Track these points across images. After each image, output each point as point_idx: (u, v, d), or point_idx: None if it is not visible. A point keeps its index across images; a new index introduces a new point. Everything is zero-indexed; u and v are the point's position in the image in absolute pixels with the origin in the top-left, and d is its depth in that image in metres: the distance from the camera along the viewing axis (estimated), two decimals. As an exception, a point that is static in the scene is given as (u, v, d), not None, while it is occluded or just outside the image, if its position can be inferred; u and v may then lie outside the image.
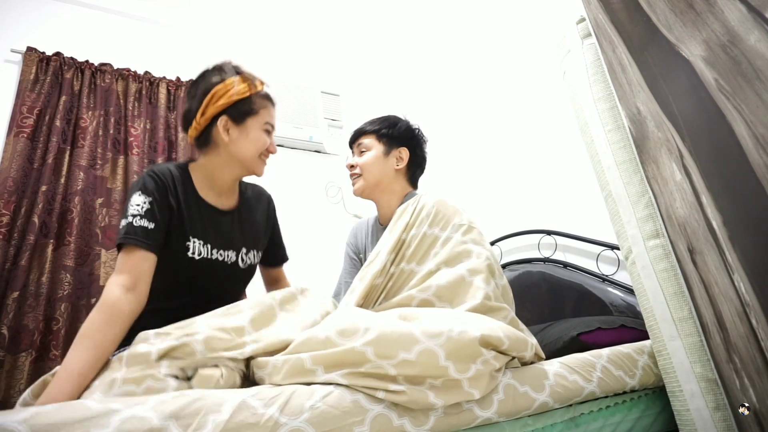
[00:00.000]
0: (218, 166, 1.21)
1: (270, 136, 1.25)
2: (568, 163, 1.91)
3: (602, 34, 1.06)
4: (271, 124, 1.24)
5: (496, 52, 2.35)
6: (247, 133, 1.19)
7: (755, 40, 0.78)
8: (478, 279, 1.05)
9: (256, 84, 1.22)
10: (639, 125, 0.98)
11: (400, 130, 1.42)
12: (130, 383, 0.77)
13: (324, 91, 3.05)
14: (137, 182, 1.13)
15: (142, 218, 1.06)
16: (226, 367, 0.85)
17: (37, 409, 0.59)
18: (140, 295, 1.01)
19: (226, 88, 1.17)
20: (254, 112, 1.20)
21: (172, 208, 1.12)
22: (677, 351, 0.99)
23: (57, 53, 2.35)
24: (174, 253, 1.11)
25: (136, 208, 1.07)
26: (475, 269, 1.07)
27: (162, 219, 1.09)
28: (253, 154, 1.21)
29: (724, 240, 0.82)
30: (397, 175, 1.40)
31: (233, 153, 1.19)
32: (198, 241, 1.15)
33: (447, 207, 1.21)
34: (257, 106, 1.21)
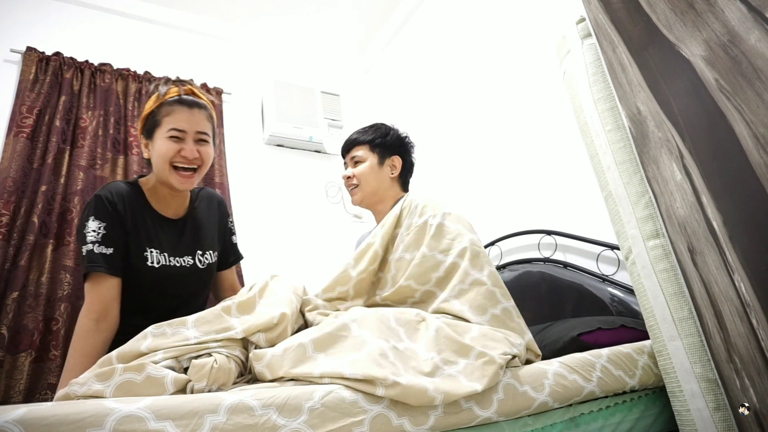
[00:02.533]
0: (156, 184, 1.26)
1: (182, 142, 1.19)
2: (568, 163, 1.90)
3: (602, 34, 1.06)
4: (177, 129, 1.18)
5: (496, 52, 2.35)
6: (154, 147, 1.20)
7: (755, 40, 0.78)
8: (470, 265, 1.12)
9: (168, 92, 1.21)
10: (639, 125, 0.97)
11: (392, 139, 1.47)
12: (131, 371, 0.77)
13: (324, 91, 3.05)
14: (88, 206, 1.17)
15: (101, 245, 1.11)
16: (219, 355, 0.85)
17: (31, 407, 0.59)
18: (111, 321, 1.10)
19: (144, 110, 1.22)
20: (158, 123, 1.19)
21: (127, 226, 1.17)
22: (677, 351, 0.98)
23: (57, 53, 2.35)
24: (136, 266, 1.17)
25: (93, 234, 1.12)
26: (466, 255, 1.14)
27: (119, 240, 1.14)
28: (161, 166, 1.19)
29: (724, 240, 0.82)
30: (392, 182, 1.45)
31: (155, 169, 1.22)
32: (155, 251, 1.20)
33: (435, 201, 1.27)
34: (161, 115, 1.19)
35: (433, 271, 1.15)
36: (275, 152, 2.90)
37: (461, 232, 1.18)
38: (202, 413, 0.67)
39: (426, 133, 2.84)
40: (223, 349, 0.87)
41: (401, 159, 1.47)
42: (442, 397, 0.80)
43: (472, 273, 1.12)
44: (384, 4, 3.04)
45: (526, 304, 1.83)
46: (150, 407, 0.64)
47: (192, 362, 0.82)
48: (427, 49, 2.87)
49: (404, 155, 1.49)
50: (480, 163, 2.40)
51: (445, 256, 1.15)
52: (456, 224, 1.20)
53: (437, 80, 2.77)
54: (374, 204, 1.44)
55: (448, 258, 1.14)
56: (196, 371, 0.81)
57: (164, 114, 1.19)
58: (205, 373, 0.80)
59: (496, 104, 2.32)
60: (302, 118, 2.88)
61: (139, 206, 1.22)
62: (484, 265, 1.14)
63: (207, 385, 0.80)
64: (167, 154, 1.18)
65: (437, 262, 1.15)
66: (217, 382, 0.82)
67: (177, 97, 1.20)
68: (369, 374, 0.78)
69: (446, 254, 1.15)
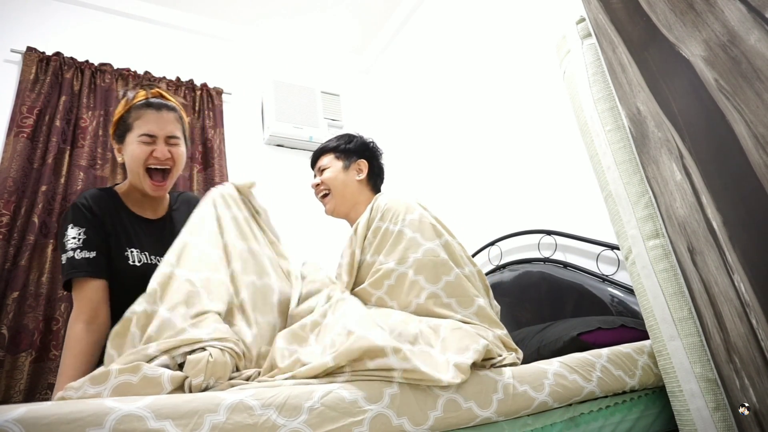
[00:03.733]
0: (130, 188, 1.27)
1: (153, 144, 1.20)
2: (568, 163, 1.91)
3: (602, 34, 1.06)
4: (148, 134, 1.19)
5: (496, 51, 2.35)
6: (126, 151, 1.21)
7: (755, 40, 0.78)
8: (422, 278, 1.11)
9: (135, 97, 1.22)
10: (639, 125, 0.97)
11: (356, 144, 1.47)
12: (126, 372, 0.77)
13: (324, 91, 3.05)
14: (66, 216, 1.18)
15: (82, 250, 1.12)
16: (213, 349, 0.85)
17: (31, 406, 0.59)
18: (102, 322, 1.10)
19: (115, 115, 1.23)
20: (129, 127, 1.20)
21: (106, 228, 1.17)
22: (677, 351, 0.98)
23: (57, 53, 2.35)
24: (118, 267, 1.17)
25: (74, 241, 1.13)
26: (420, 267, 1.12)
27: (100, 243, 1.15)
28: (135, 170, 1.21)
29: (724, 240, 0.82)
30: (361, 186, 1.43)
31: (128, 172, 1.24)
32: (135, 250, 1.20)
33: (399, 204, 1.24)
34: (132, 119, 1.20)
35: (385, 279, 1.14)
36: (275, 152, 2.90)
37: (418, 241, 1.16)
38: (202, 412, 0.67)
39: (426, 133, 2.84)
40: (217, 342, 0.87)
41: (367, 162, 1.46)
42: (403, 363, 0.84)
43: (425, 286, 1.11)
44: (384, 4, 3.04)
45: (526, 304, 1.84)
46: (150, 406, 0.64)
47: (187, 358, 0.82)
48: (427, 49, 2.87)
49: (370, 159, 1.48)
50: (480, 163, 2.40)
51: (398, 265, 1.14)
52: (414, 232, 1.17)
53: (437, 80, 2.77)
54: (347, 212, 1.42)
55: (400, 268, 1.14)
56: (192, 366, 0.81)
57: (134, 118, 1.20)
58: (202, 367, 0.80)
59: (496, 104, 2.32)
60: (302, 118, 2.88)
61: (116, 208, 1.23)
62: (440, 276, 1.12)
63: (204, 380, 0.80)
64: (140, 156, 1.19)
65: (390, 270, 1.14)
66: (214, 375, 0.82)
67: (145, 100, 1.21)
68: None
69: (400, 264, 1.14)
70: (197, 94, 2.69)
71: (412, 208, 1.22)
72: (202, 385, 0.80)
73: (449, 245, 1.19)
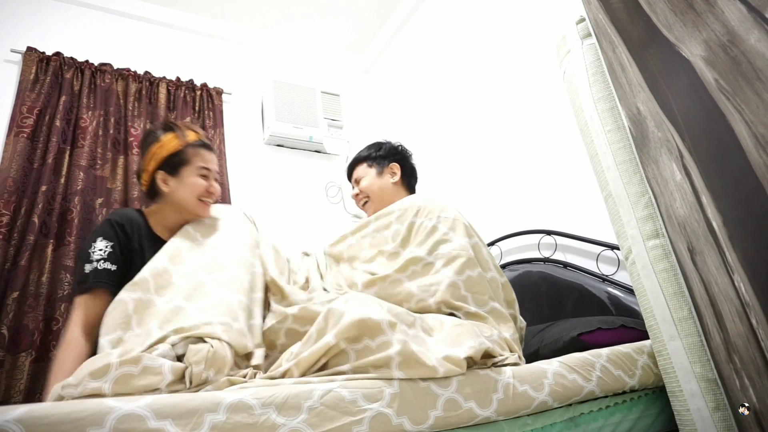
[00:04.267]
0: (166, 212, 1.36)
1: (208, 180, 1.36)
2: (568, 163, 1.91)
3: (602, 34, 1.06)
4: (207, 168, 1.36)
5: (496, 52, 2.35)
6: (183, 181, 1.33)
7: (755, 40, 0.78)
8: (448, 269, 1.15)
9: (188, 136, 1.35)
10: (639, 125, 0.97)
11: (386, 149, 1.57)
12: (127, 364, 0.77)
13: (324, 91, 3.05)
14: (98, 229, 1.26)
15: (106, 261, 1.19)
16: (214, 340, 0.86)
17: (31, 406, 0.59)
18: (93, 339, 1.13)
19: (160, 146, 1.33)
20: (186, 161, 1.33)
21: (133, 246, 1.25)
22: (677, 351, 0.98)
23: (57, 53, 2.35)
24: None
25: (100, 252, 1.20)
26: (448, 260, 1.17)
27: (123, 261, 1.22)
28: (190, 199, 1.33)
29: (724, 240, 0.82)
30: (396, 188, 1.53)
31: (175, 201, 1.34)
32: None
33: (434, 203, 1.31)
34: (189, 155, 1.33)
35: (412, 264, 1.19)
36: (275, 152, 2.90)
37: (450, 237, 1.21)
38: (202, 412, 0.67)
39: (426, 133, 2.84)
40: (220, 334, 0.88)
41: (399, 165, 1.55)
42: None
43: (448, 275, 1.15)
44: (384, 4, 3.04)
45: (526, 304, 1.84)
46: (150, 406, 0.64)
47: (189, 347, 0.83)
48: (427, 50, 2.87)
49: (401, 161, 1.56)
50: (480, 163, 2.40)
51: (427, 255, 1.19)
52: (448, 229, 1.23)
53: (437, 80, 2.77)
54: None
55: (428, 258, 1.19)
56: (193, 354, 0.81)
57: (193, 154, 1.34)
58: (203, 356, 0.81)
59: (496, 104, 2.32)
60: (302, 118, 2.88)
61: (145, 231, 1.33)
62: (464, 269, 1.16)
63: (204, 369, 0.80)
64: (198, 189, 1.34)
65: (418, 258, 1.19)
66: (214, 366, 0.82)
67: (200, 141, 1.38)
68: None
69: (429, 255, 1.19)
70: (197, 94, 2.68)
71: (447, 208, 1.28)
72: (202, 375, 0.80)
73: (478, 247, 1.24)
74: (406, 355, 0.84)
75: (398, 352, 0.84)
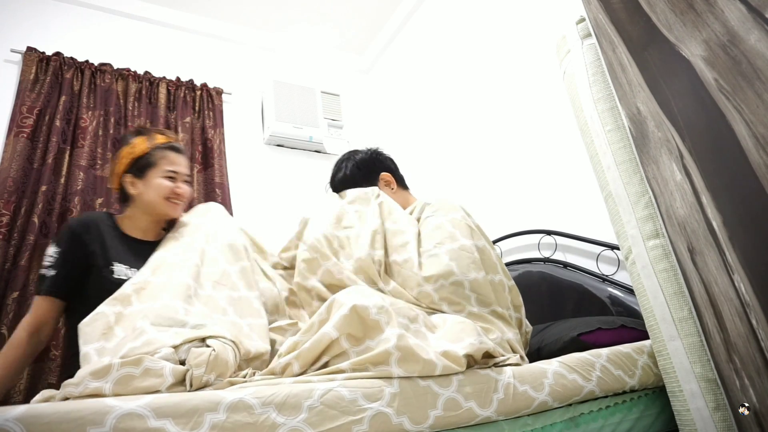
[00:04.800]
0: (136, 214, 1.38)
1: (175, 181, 1.38)
2: (568, 163, 1.91)
3: (602, 34, 1.06)
4: (174, 171, 1.38)
5: (496, 51, 2.35)
6: (149, 183, 1.35)
7: (755, 40, 0.78)
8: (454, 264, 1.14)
9: (156, 139, 1.39)
10: (639, 125, 0.98)
11: (367, 164, 1.50)
12: (128, 365, 0.77)
13: (324, 91, 3.05)
14: (58, 234, 1.32)
15: (51, 267, 1.25)
16: (216, 342, 0.86)
17: (31, 406, 0.59)
18: (43, 338, 1.25)
19: (128, 150, 1.37)
20: (153, 164, 1.36)
21: (88, 248, 1.27)
22: (677, 351, 0.98)
23: (57, 53, 2.35)
24: (101, 280, 1.25)
25: (49, 259, 1.27)
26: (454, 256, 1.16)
27: (70, 265, 1.26)
28: (157, 200, 1.35)
29: (724, 240, 0.82)
30: (397, 195, 1.49)
31: (143, 203, 1.36)
32: (121, 265, 1.28)
33: (443, 203, 1.31)
34: (156, 157, 1.36)
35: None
36: (275, 152, 2.90)
37: (456, 236, 1.20)
38: (202, 411, 0.67)
39: (426, 133, 2.84)
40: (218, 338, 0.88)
41: (387, 172, 1.50)
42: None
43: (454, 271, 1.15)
44: (384, 4, 3.04)
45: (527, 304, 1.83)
46: (150, 405, 0.64)
47: (191, 350, 0.83)
48: (427, 49, 2.87)
49: (388, 168, 1.52)
50: (480, 163, 2.40)
51: (434, 248, 1.19)
52: (454, 228, 1.22)
53: (437, 80, 2.77)
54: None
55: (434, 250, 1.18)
56: (194, 357, 0.81)
57: (160, 157, 1.37)
58: (204, 359, 0.81)
59: (496, 104, 2.32)
60: (302, 118, 2.89)
61: (110, 228, 1.35)
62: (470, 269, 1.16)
63: (206, 373, 0.80)
64: (164, 191, 1.35)
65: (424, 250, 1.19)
66: (215, 370, 0.82)
67: (168, 144, 1.40)
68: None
69: (436, 248, 1.18)
70: (197, 94, 2.69)
71: (455, 208, 1.28)
72: (203, 378, 0.80)
73: (484, 250, 1.21)
74: (403, 350, 0.84)
75: (396, 346, 0.84)
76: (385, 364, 0.84)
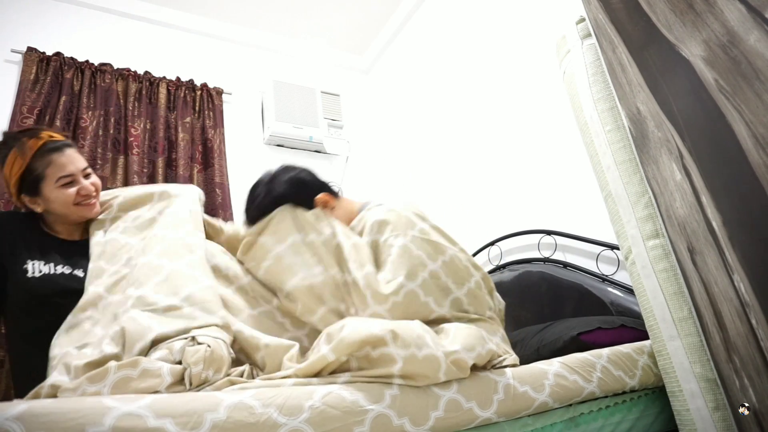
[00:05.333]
0: (55, 222, 1.28)
1: (75, 184, 1.23)
2: (568, 163, 1.91)
3: (602, 34, 1.06)
4: (67, 175, 1.21)
5: (496, 51, 2.35)
6: (48, 198, 1.22)
7: (755, 40, 0.78)
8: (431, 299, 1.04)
9: (28, 150, 1.20)
10: (639, 125, 0.98)
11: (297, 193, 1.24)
12: (125, 368, 0.77)
13: (324, 91, 3.05)
14: None
15: None
16: (208, 338, 0.86)
17: (31, 404, 0.59)
18: None
19: (6, 172, 1.21)
20: (41, 178, 1.20)
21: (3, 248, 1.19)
22: (677, 351, 0.98)
23: (57, 53, 2.35)
24: (16, 279, 1.18)
25: None
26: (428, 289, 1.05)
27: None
28: (65, 210, 1.23)
29: (724, 240, 0.82)
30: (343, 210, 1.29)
31: (52, 213, 1.25)
32: (38, 262, 1.19)
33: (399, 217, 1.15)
34: (40, 169, 1.20)
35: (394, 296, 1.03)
36: (275, 152, 2.90)
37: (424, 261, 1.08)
38: (202, 411, 0.67)
39: (426, 133, 2.84)
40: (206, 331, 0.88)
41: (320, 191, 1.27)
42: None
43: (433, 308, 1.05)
44: (384, 4, 3.04)
45: (526, 304, 1.84)
46: (149, 405, 0.64)
47: (186, 349, 0.83)
48: (427, 49, 2.88)
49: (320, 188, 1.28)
50: (480, 163, 2.40)
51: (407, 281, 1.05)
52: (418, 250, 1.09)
53: (437, 80, 2.77)
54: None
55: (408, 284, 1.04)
56: (191, 355, 0.81)
57: (44, 166, 1.20)
58: (200, 357, 0.81)
59: (496, 104, 2.32)
60: (302, 118, 2.88)
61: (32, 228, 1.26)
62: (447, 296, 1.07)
63: (204, 369, 0.80)
64: (68, 200, 1.22)
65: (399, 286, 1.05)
66: (212, 366, 0.82)
67: (42, 147, 1.21)
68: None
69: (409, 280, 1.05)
70: (197, 94, 2.69)
71: (411, 223, 1.13)
72: (202, 374, 0.80)
73: (451, 263, 1.10)
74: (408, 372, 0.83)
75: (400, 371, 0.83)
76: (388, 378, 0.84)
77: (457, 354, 0.87)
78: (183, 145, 2.50)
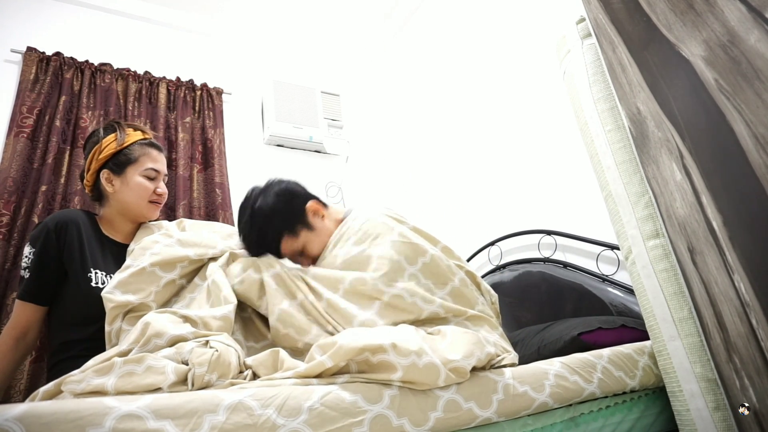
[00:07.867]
0: (113, 215, 1.31)
1: (156, 182, 1.30)
2: (568, 163, 1.91)
3: (602, 34, 1.06)
4: (155, 169, 1.30)
5: (496, 52, 2.35)
6: (128, 182, 1.27)
7: (755, 40, 0.78)
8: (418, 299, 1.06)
9: (135, 134, 1.30)
10: (639, 125, 0.97)
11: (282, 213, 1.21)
12: (131, 363, 0.78)
13: (324, 91, 3.05)
14: (32, 232, 1.23)
15: (28, 270, 1.19)
16: (219, 343, 0.86)
17: (31, 405, 0.59)
18: (29, 343, 1.20)
19: (106, 143, 1.27)
20: (133, 160, 1.27)
21: (66, 253, 1.20)
22: (677, 351, 0.98)
23: (57, 53, 2.35)
24: (78, 286, 1.18)
25: (25, 260, 1.20)
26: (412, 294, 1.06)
27: (47, 267, 1.18)
28: (136, 201, 1.28)
29: (724, 240, 0.82)
30: (326, 219, 1.28)
31: (120, 202, 1.28)
32: (100, 272, 1.21)
33: (375, 225, 1.16)
34: (136, 154, 1.28)
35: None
36: (275, 152, 2.90)
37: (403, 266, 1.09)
38: (202, 412, 0.67)
39: (426, 133, 2.84)
40: (220, 338, 0.89)
41: (311, 201, 1.27)
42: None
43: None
44: (384, 4, 3.04)
45: (526, 304, 1.84)
46: (149, 406, 0.64)
47: (194, 350, 0.84)
48: (428, 49, 2.87)
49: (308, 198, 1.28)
50: (480, 163, 2.40)
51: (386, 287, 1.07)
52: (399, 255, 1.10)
53: (438, 80, 2.77)
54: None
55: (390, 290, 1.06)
56: (197, 356, 0.82)
57: (141, 153, 1.29)
58: (206, 359, 0.81)
59: (496, 104, 2.32)
60: (302, 118, 2.88)
61: (93, 230, 1.28)
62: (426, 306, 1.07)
63: (207, 372, 0.80)
64: (146, 192, 1.28)
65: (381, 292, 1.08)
66: (217, 371, 0.82)
67: (148, 140, 1.32)
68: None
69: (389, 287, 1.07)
70: (197, 94, 2.68)
71: (389, 229, 1.13)
72: (205, 377, 0.80)
73: (432, 264, 1.11)
74: (408, 380, 0.83)
75: (400, 379, 0.82)
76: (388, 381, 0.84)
77: (457, 362, 0.87)
78: (183, 145, 2.50)
